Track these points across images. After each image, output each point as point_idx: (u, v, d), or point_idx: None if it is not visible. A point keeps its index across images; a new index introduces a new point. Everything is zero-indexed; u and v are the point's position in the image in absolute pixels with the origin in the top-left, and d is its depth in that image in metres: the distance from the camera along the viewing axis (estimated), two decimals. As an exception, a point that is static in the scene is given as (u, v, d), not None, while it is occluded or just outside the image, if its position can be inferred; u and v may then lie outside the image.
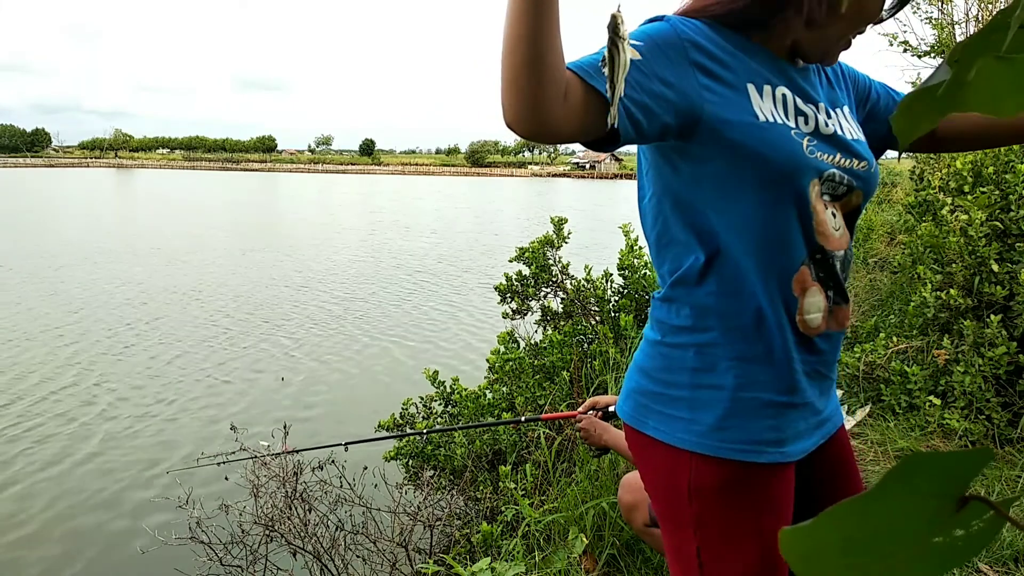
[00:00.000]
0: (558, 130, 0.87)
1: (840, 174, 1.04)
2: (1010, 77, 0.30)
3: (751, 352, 1.04)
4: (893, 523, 0.29)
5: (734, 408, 1.05)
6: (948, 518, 0.29)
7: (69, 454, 6.42)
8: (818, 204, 1.02)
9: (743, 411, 1.05)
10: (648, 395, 1.12)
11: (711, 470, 1.06)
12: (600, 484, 2.67)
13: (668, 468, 1.10)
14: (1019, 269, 3.09)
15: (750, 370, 1.04)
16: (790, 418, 1.07)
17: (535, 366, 4.08)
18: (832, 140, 1.05)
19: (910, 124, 0.32)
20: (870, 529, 0.29)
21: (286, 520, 3.20)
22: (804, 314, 1.04)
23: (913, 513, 0.29)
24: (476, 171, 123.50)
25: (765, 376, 1.05)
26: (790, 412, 1.07)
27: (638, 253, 4.33)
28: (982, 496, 0.29)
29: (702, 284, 1.05)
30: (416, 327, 11.28)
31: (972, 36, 0.31)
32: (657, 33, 0.97)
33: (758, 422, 1.05)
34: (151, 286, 14.01)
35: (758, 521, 1.07)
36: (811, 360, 1.08)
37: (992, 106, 0.31)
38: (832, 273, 1.05)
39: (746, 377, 1.04)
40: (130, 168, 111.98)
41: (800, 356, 1.06)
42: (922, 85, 0.32)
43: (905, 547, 0.29)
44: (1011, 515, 0.29)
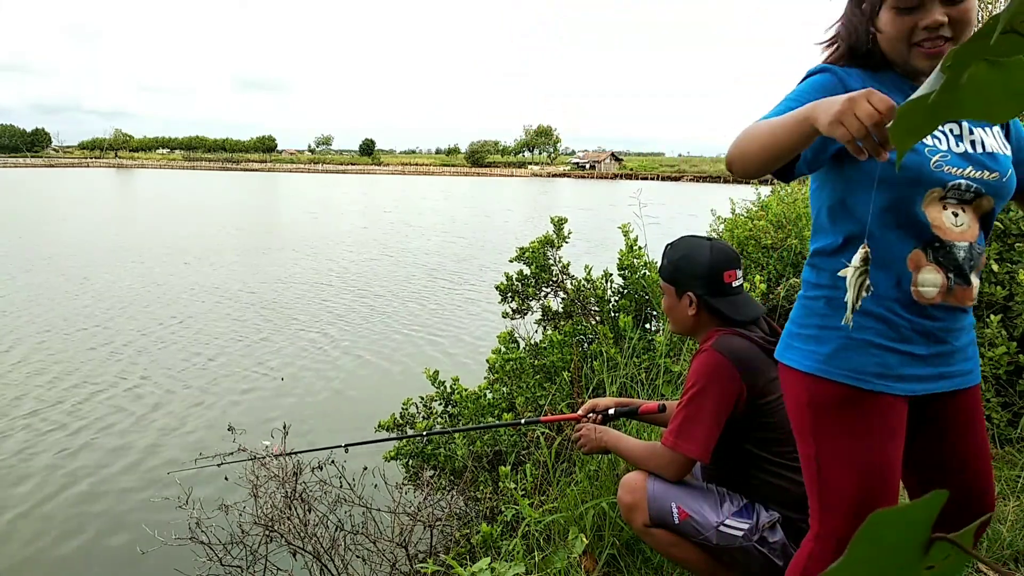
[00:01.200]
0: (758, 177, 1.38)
1: (967, 183, 1.33)
2: (1002, 82, 0.30)
3: (868, 307, 1.36)
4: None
5: (846, 345, 1.38)
6: (918, 561, 0.31)
7: (68, 454, 6.42)
8: (933, 206, 1.33)
9: (853, 348, 1.38)
10: (790, 335, 1.49)
11: (824, 390, 1.40)
12: (600, 484, 2.67)
13: (795, 388, 1.45)
14: (1018, 269, 3.09)
15: (863, 319, 1.37)
16: (894, 362, 1.37)
17: (535, 366, 4.08)
18: (965, 155, 1.34)
19: (906, 132, 0.32)
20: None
21: (286, 520, 3.20)
22: (918, 286, 1.35)
23: (886, 567, 0.30)
24: (476, 171, 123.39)
25: (875, 325, 1.37)
26: (894, 356, 1.37)
27: (638, 253, 4.33)
28: (943, 535, 0.30)
29: (835, 257, 1.42)
30: (417, 327, 11.28)
31: (964, 42, 0.31)
32: (819, 80, 1.38)
33: (864, 358, 1.37)
34: (149, 286, 14.01)
35: (865, 438, 1.38)
36: (924, 323, 1.37)
37: (985, 111, 0.31)
38: (952, 259, 1.34)
39: (861, 323, 1.37)
40: (130, 168, 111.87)
41: (911, 317, 1.36)
42: (916, 93, 0.32)
43: None
44: (1014, 512, 0.30)
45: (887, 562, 0.30)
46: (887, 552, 0.30)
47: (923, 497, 0.30)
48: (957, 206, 1.34)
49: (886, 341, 1.37)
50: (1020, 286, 3.01)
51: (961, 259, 1.34)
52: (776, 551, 1.87)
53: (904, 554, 0.30)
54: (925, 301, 1.35)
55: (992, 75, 0.31)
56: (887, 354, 1.37)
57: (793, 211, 6.87)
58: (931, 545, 0.30)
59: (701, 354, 1.94)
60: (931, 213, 1.33)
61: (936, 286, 1.34)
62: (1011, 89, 0.31)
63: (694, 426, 1.87)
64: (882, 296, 1.36)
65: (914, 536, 0.30)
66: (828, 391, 1.39)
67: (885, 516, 0.30)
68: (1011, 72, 0.30)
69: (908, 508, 0.30)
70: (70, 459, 6.34)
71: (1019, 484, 2.64)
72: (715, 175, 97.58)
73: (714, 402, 1.86)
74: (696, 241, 2.07)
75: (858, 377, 1.37)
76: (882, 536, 0.30)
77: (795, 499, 1.88)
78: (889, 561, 0.30)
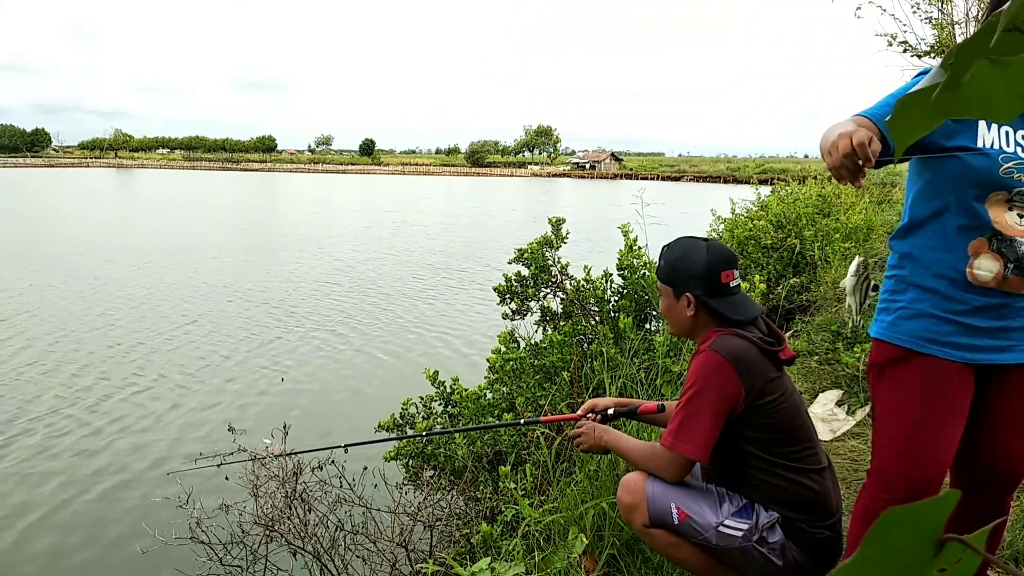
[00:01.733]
0: None
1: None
2: (1004, 81, 0.30)
3: (927, 283, 1.59)
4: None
5: (905, 314, 1.62)
6: (930, 562, 0.30)
7: (67, 455, 6.42)
8: (998, 207, 1.51)
9: (912, 316, 1.61)
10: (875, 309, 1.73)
11: (882, 350, 1.66)
12: (600, 484, 2.67)
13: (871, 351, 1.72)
14: None
15: (923, 294, 1.60)
16: (947, 330, 1.57)
17: (535, 366, 4.08)
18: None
19: (905, 129, 0.32)
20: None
21: (286, 520, 3.20)
22: (974, 269, 1.53)
23: (898, 566, 0.30)
24: (476, 171, 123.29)
25: (931, 298, 1.58)
26: (948, 326, 1.57)
27: (638, 253, 4.33)
28: (955, 536, 0.30)
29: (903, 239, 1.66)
30: (417, 327, 11.28)
31: (967, 39, 0.31)
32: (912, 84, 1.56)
33: (918, 325, 1.60)
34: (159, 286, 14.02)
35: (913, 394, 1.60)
36: (980, 299, 1.54)
37: (986, 110, 0.31)
38: (1012, 251, 1.51)
39: (919, 297, 1.60)
40: (130, 168, 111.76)
41: (966, 296, 1.54)
42: (916, 88, 0.32)
43: None
44: (1013, 512, 0.30)
45: (899, 562, 0.30)
46: (899, 552, 0.30)
47: (935, 496, 0.30)
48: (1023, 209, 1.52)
49: (940, 312, 1.57)
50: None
51: (1021, 253, 1.50)
52: (776, 551, 1.87)
53: (916, 554, 0.30)
54: (980, 283, 1.53)
55: (994, 74, 0.30)
56: (941, 323, 1.57)
57: (793, 211, 6.87)
58: (943, 545, 0.30)
59: (699, 355, 1.94)
60: (994, 212, 1.51)
61: (992, 272, 1.52)
62: (1013, 88, 0.31)
63: (692, 427, 1.87)
64: (940, 275, 1.57)
65: (926, 535, 0.30)
66: (886, 352, 1.65)
67: (897, 515, 0.30)
68: (1013, 71, 0.30)
69: (920, 507, 0.30)
70: (69, 460, 6.34)
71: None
72: (715, 175, 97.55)
73: (712, 403, 1.86)
74: (693, 242, 2.07)
75: (911, 340, 1.60)
76: (894, 536, 0.29)
77: (794, 499, 1.88)
78: (901, 561, 0.30)
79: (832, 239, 6.31)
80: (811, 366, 4.48)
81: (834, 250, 6.12)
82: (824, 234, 6.40)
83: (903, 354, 1.61)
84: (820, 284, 5.95)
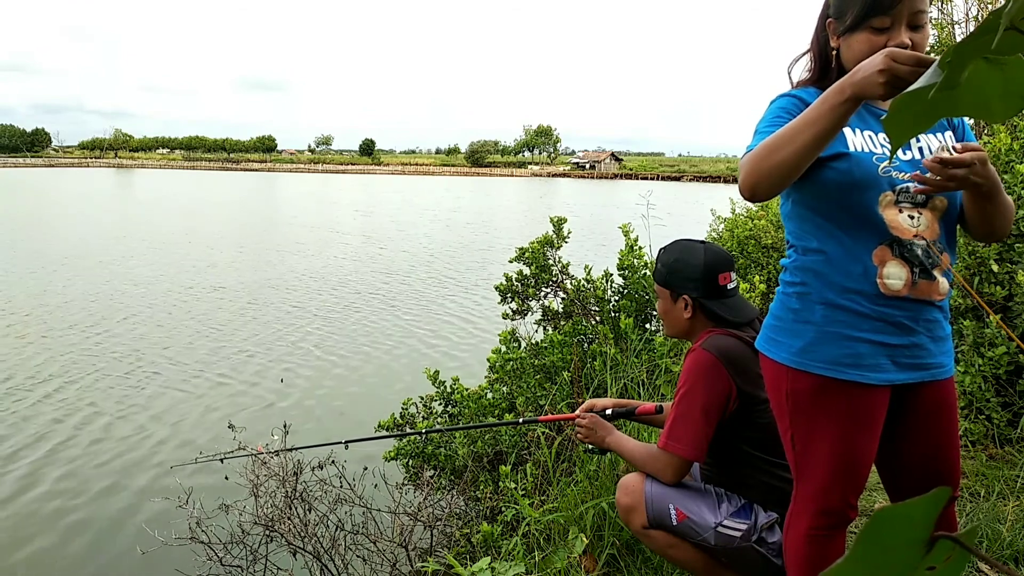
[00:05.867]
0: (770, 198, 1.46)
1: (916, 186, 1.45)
2: (1000, 81, 0.30)
3: (836, 300, 1.48)
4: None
5: (821, 336, 1.49)
6: (921, 560, 0.30)
7: (67, 455, 6.42)
8: (889, 208, 1.46)
9: (825, 340, 1.49)
10: (768, 327, 1.61)
11: (800, 380, 1.52)
12: (600, 484, 2.67)
13: (774, 378, 1.58)
14: (1018, 269, 3.09)
15: (835, 312, 1.48)
16: (866, 351, 1.47)
17: (536, 366, 4.08)
18: (912, 161, 1.48)
19: (902, 127, 0.32)
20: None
21: (286, 520, 3.20)
22: (884, 278, 1.45)
23: (889, 565, 0.30)
24: (476, 171, 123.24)
25: (845, 318, 1.48)
26: (865, 346, 1.47)
27: (638, 253, 4.33)
28: (946, 534, 0.30)
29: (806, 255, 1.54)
30: (418, 326, 11.28)
31: (964, 39, 0.31)
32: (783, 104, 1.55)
33: (836, 349, 1.48)
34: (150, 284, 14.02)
35: (838, 425, 1.49)
36: (892, 314, 1.46)
37: (982, 110, 0.30)
38: (914, 255, 1.45)
39: (833, 316, 1.48)
40: (130, 168, 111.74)
41: (879, 309, 1.46)
42: (914, 87, 0.32)
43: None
44: (1013, 512, 0.30)
45: (889, 560, 0.30)
46: (890, 550, 0.30)
47: (926, 494, 0.30)
48: (912, 208, 1.47)
49: (856, 332, 1.47)
50: (1019, 286, 3.01)
51: (921, 256, 1.46)
52: (774, 551, 1.87)
53: (906, 552, 0.30)
54: (891, 293, 1.46)
55: (990, 74, 0.30)
56: (858, 344, 1.48)
57: (793, 211, 6.88)
58: (933, 543, 0.30)
59: (691, 354, 1.94)
60: (888, 214, 1.47)
61: (901, 279, 1.45)
62: (1009, 89, 0.31)
63: (684, 426, 1.87)
64: (850, 289, 1.48)
65: (916, 534, 0.30)
66: (804, 382, 1.52)
67: (888, 514, 0.30)
68: (1010, 71, 0.30)
69: (910, 505, 0.30)
70: (68, 460, 6.34)
71: (1019, 484, 2.64)
72: (715, 175, 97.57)
73: (703, 401, 1.86)
74: (690, 244, 2.07)
75: (832, 368, 1.49)
76: (885, 535, 0.29)
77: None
78: (891, 559, 0.30)
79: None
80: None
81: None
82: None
83: (823, 383, 1.50)
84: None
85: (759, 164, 1.41)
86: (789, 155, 1.36)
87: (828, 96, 1.32)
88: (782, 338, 1.56)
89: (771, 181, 1.40)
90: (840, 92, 1.29)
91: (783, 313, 1.58)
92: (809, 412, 1.53)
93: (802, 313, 1.53)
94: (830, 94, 1.31)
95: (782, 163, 1.37)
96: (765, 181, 1.40)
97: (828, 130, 1.32)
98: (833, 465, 1.51)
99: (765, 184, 1.41)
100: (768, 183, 1.41)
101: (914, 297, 1.46)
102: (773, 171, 1.39)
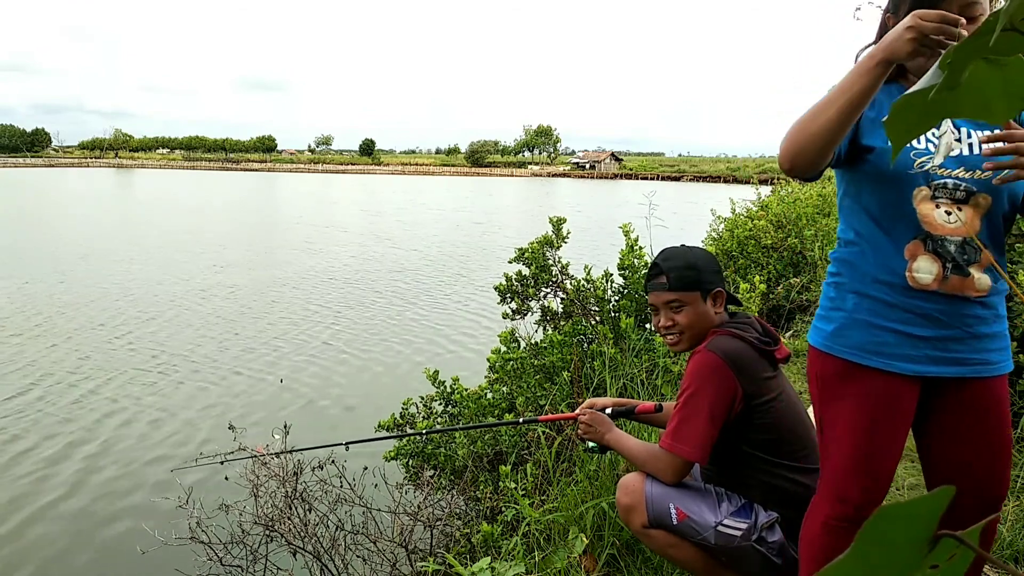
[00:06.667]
0: (811, 175, 1.49)
1: (956, 182, 1.47)
2: (1001, 82, 0.30)
3: (867, 291, 1.53)
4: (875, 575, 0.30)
5: (847, 323, 1.55)
6: (923, 559, 0.30)
7: (67, 456, 6.42)
8: (925, 203, 1.47)
9: (853, 326, 1.54)
10: (815, 316, 1.68)
11: (827, 363, 1.59)
12: (600, 484, 2.67)
13: (810, 361, 1.66)
14: (1018, 269, 3.09)
15: (864, 301, 1.54)
16: (891, 340, 1.51)
17: (535, 366, 4.08)
18: (956, 157, 1.48)
19: (903, 128, 0.32)
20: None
21: (286, 520, 3.20)
22: (913, 272, 1.48)
23: (891, 564, 0.30)
24: (476, 171, 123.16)
25: (873, 307, 1.52)
26: (891, 335, 1.50)
27: (638, 253, 4.33)
28: (950, 532, 0.30)
29: (846, 247, 1.60)
30: (418, 326, 11.27)
31: (964, 39, 0.31)
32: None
33: (862, 336, 1.53)
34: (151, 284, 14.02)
35: (859, 410, 1.53)
36: (922, 306, 1.48)
37: (983, 110, 0.31)
38: (946, 249, 1.46)
39: (863, 305, 1.54)
40: (130, 168, 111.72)
41: (908, 301, 1.49)
42: (914, 88, 0.32)
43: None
44: (1013, 512, 0.30)
45: (892, 558, 0.30)
46: (892, 548, 0.29)
47: (930, 492, 0.30)
48: (950, 204, 1.47)
49: (883, 321, 1.51)
50: (1020, 286, 3.01)
51: (953, 252, 1.46)
52: (774, 551, 1.88)
53: (909, 550, 0.30)
54: (920, 286, 1.48)
55: (991, 74, 0.30)
56: (884, 333, 1.51)
57: (793, 211, 6.87)
58: (937, 542, 0.30)
59: (696, 355, 1.95)
60: (922, 209, 1.48)
61: (931, 273, 1.47)
62: (1009, 90, 0.31)
63: (689, 428, 1.87)
64: (880, 281, 1.52)
65: (919, 532, 0.30)
66: (830, 365, 1.58)
67: (891, 511, 0.29)
68: (1010, 72, 0.30)
69: (914, 503, 0.29)
70: (68, 460, 6.34)
71: (1019, 484, 2.64)
72: (715, 175, 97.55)
73: (709, 403, 1.86)
74: (685, 247, 2.12)
75: (855, 352, 1.54)
76: (889, 532, 0.29)
77: (793, 498, 1.88)
78: (894, 557, 0.30)
79: (832, 239, 6.31)
80: (811, 366, 4.47)
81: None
82: (824, 234, 6.40)
83: (847, 368, 1.55)
84: (820, 284, 5.94)
85: (796, 135, 1.43)
86: (824, 123, 1.38)
87: (861, 62, 1.34)
88: (819, 324, 1.63)
89: (808, 152, 1.42)
90: (871, 57, 1.32)
91: (823, 301, 1.65)
92: (833, 395, 1.58)
93: (836, 301, 1.59)
94: (863, 60, 1.34)
95: (818, 132, 1.39)
96: (802, 152, 1.42)
97: (860, 95, 1.34)
98: (850, 450, 1.54)
99: (802, 156, 1.43)
100: (805, 154, 1.42)
101: (945, 292, 1.47)
102: (809, 141, 1.41)
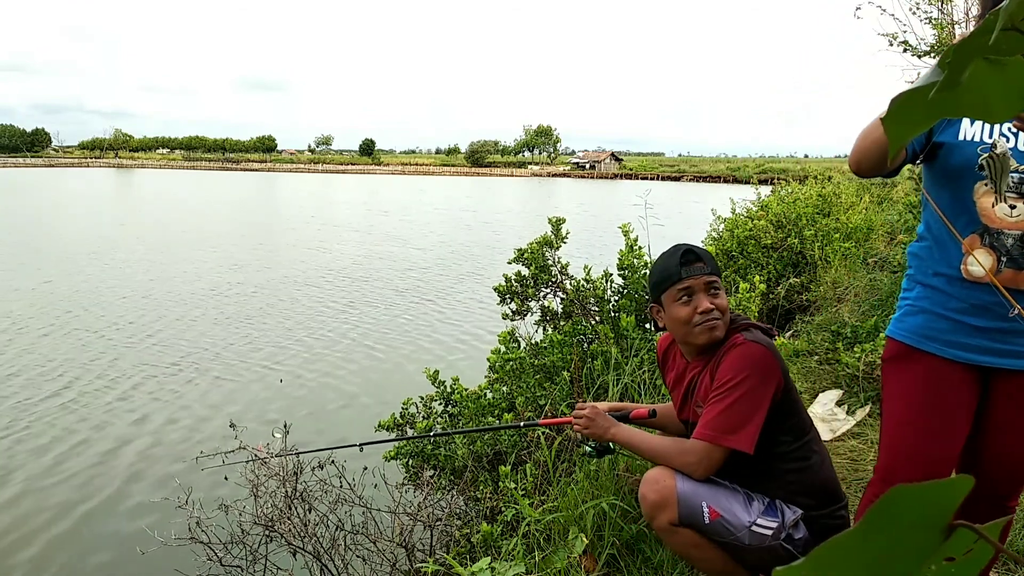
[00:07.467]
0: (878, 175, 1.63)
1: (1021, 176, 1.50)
2: (1001, 81, 0.30)
3: (929, 281, 1.63)
4: (884, 557, 0.29)
5: (910, 310, 1.67)
6: (937, 547, 0.29)
7: (68, 456, 6.42)
8: (987, 197, 1.51)
9: (914, 313, 1.66)
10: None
11: (889, 346, 1.71)
12: (600, 484, 2.67)
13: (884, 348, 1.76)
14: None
15: (925, 291, 1.64)
16: (945, 327, 1.59)
17: (535, 366, 4.08)
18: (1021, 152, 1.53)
19: (901, 127, 0.32)
20: (862, 565, 0.28)
21: (286, 520, 3.20)
22: (967, 265, 1.55)
23: (902, 546, 0.29)
24: (476, 171, 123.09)
25: (931, 295, 1.62)
26: (945, 323, 1.58)
27: (638, 253, 4.33)
28: (966, 523, 0.29)
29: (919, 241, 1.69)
30: (418, 326, 11.27)
31: (964, 39, 0.31)
32: None
33: (920, 321, 1.63)
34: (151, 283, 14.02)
35: (911, 390, 1.62)
36: (978, 296, 1.54)
37: (983, 110, 0.30)
38: (1001, 243, 1.51)
39: (923, 294, 1.64)
40: (130, 168, 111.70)
41: (963, 292, 1.56)
42: (913, 87, 0.32)
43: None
44: (1015, 517, 0.29)
45: (903, 539, 0.29)
46: (904, 529, 0.29)
47: (948, 479, 0.29)
48: (1017, 199, 1.51)
49: (940, 309, 1.59)
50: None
51: (1010, 246, 1.51)
52: (800, 548, 1.86)
53: (922, 535, 0.29)
54: (973, 279, 1.54)
55: (991, 74, 0.30)
56: (938, 320, 1.60)
57: (793, 211, 6.87)
58: (952, 532, 0.29)
59: (736, 348, 1.90)
60: (982, 203, 1.52)
61: (985, 266, 1.52)
62: (1010, 89, 0.31)
63: (738, 418, 1.83)
64: (939, 273, 1.60)
65: (934, 518, 0.29)
66: (891, 348, 1.70)
67: (905, 491, 0.29)
68: (1010, 72, 0.30)
69: (930, 487, 0.28)
70: (69, 460, 6.34)
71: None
72: (715, 175, 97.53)
73: (759, 394, 1.84)
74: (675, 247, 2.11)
75: (911, 336, 1.64)
76: (901, 512, 0.28)
77: (812, 487, 1.90)
78: (905, 538, 0.29)
79: (832, 239, 6.31)
80: (811, 366, 4.48)
81: (834, 250, 6.12)
82: (824, 234, 6.41)
83: (905, 350, 1.64)
84: (820, 284, 5.95)
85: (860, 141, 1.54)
86: (879, 136, 1.49)
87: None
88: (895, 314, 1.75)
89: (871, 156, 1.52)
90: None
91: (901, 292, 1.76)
92: (891, 376, 1.69)
93: (905, 291, 1.71)
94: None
95: (876, 143, 1.50)
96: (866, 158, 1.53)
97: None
98: (899, 430, 1.63)
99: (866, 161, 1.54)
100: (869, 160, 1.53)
101: (1001, 285, 1.52)
102: (869, 149, 1.52)
